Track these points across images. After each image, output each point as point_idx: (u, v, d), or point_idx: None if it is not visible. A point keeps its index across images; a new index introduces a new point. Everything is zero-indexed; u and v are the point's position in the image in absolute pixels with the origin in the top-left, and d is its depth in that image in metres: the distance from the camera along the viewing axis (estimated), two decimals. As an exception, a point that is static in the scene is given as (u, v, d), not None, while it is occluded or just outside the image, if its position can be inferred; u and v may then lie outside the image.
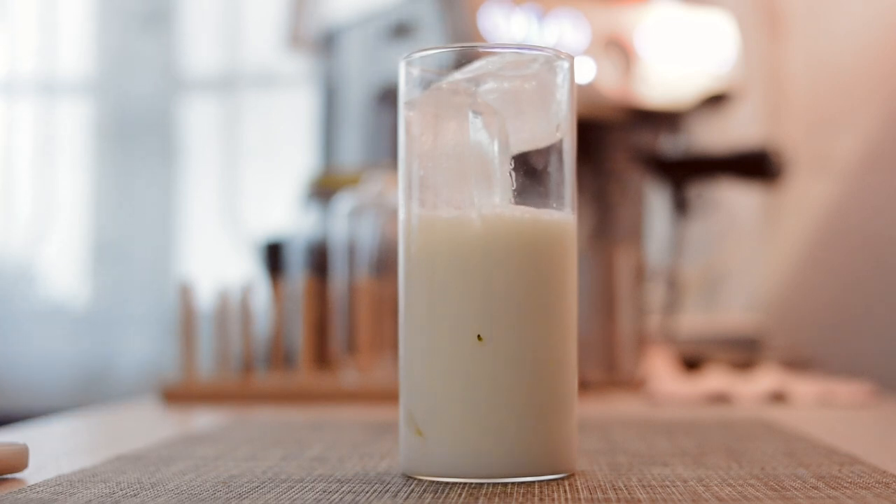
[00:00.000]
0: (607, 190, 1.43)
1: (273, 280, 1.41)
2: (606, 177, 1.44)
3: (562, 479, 0.56)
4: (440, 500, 0.50)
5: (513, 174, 0.56)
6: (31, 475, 0.58)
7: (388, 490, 0.53)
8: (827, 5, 1.85)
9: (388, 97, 1.46)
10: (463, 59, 0.57)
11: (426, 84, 0.58)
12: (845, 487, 0.52)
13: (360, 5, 1.75)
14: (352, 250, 1.17)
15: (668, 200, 1.50)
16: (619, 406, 1.05)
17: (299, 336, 1.13)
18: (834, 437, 0.74)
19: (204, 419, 0.93)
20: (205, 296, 1.19)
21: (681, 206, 1.48)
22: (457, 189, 0.56)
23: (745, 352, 1.43)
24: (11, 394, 2.28)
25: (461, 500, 0.50)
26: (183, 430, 0.83)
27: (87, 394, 2.24)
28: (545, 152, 0.57)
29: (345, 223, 1.19)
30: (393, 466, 0.61)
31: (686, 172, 1.47)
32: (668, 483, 0.54)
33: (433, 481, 0.55)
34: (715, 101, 1.45)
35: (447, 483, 0.55)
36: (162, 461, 0.63)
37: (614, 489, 0.53)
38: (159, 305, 2.31)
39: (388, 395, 1.02)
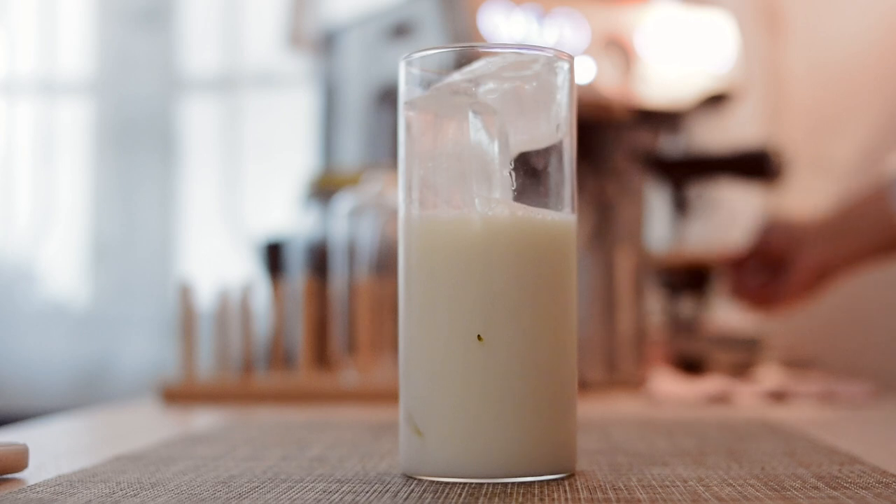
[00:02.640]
0: (607, 190, 1.42)
1: (273, 280, 1.41)
2: (606, 177, 1.44)
3: (562, 479, 0.56)
4: (440, 500, 0.50)
5: (513, 174, 0.56)
6: (31, 475, 0.58)
7: (388, 490, 0.53)
8: (827, 5, 1.85)
9: (388, 97, 1.46)
10: (463, 59, 0.57)
11: (426, 84, 0.58)
12: (845, 487, 0.52)
13: (360, 5, 1.75)
14: (352, 250, 1.17)
15: (668, 200, 1.50)
16: (619, 406, 1.05)
17: (299, 336, 1.13)
18: (834, 437, 0.74)
19: (204, 419, 0.93)
20: (205, 296, 1.19)
21: (681, 206, 1.48)
22: (457, 189, 0.56)
23: (745, 352, 1.43)
24: (11, 394, 2.28)
25: (461, 500, 0.50)
26: (183, 430, 0.83)
27: (87, 394, 2.24)
28: (545, 152, 0.57)
29: (345, 223, 1.19)
30: (393, 466, 0.61)
31: (686, 172, 1.47)
32: (668, 483, 0.54)
33: (433, 481, 0.55)
34: (715, 101, 1.45)
35: (447, 483, 0.55)
36: (162, 461, 0.63)
37: (614, 489, 0.53)
38: (159, 305, 2.31)
39: (388, 395, 1.02)
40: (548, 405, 0.56)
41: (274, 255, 1.47)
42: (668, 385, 1.12)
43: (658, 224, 1.57)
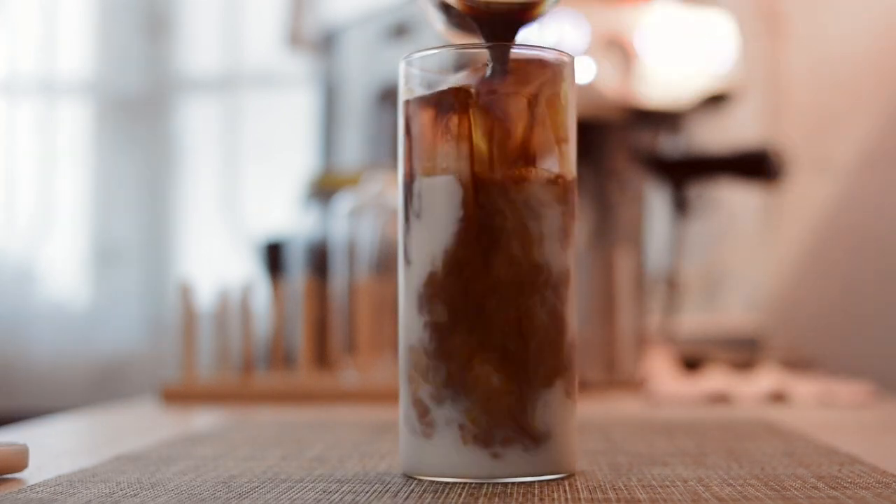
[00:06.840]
0: (607, 190, 1.43)
1: (273, 280, 1.41)
2: (606, 177, 1.44)
3: (562, 479, 0.56)
4: (440, 500, 0.50)
5: (513, 174, 0.56)
6: (31, 475, 0.58)
7: (388, 490, 0.53)
8: (827, 5, 1.85)
9: (388, 97, 1.47)
10: (463, 59, 0.57)
11: (426, 84, 0.58)
12: (845, 487, 0.52)
13: (360, 5, 1.75)
14: (352, 250, 1.17)
15: (668, 200, 1.50)
16: (619, 406, 1.05)
17: (299, 336, 1.13)
18: (834, 437, 0.74)
19: (204, 419, 0.93)
20: (205, 296, 1.19)
21: (681, 206, 1.48)
22: (457, 189, 0.56)
23: (745, 352, 1.43)
24: (13, 394, 2.29)
25: (461, 500, 0.50)
26: (183, 430, 0.83)
27: (87, 394, 2.24)
28: (545, 152, 0.57)
29: (345, 223, 1.19)
30: (393, 466, 0.61)
31: (686, 172, 1.47)
32: (668, 483, 0.54)
33: (433, 481, 0.55)
34: (715, 101, 1.45)
35: (447, 483, 0.55)
36: (162, 461, 0.63)
37: (614, 489, 0.53)
38: (159, 305, 2.31)
39: (388, 395, 1.02)
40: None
41: (274, 255, 1.47)
42: (668, 385, 1.12)
43: (658, 224, 1.58)
